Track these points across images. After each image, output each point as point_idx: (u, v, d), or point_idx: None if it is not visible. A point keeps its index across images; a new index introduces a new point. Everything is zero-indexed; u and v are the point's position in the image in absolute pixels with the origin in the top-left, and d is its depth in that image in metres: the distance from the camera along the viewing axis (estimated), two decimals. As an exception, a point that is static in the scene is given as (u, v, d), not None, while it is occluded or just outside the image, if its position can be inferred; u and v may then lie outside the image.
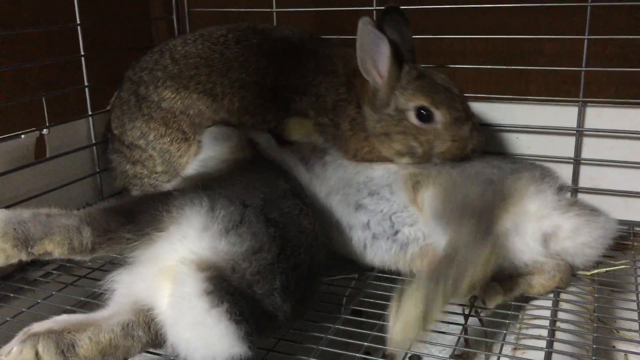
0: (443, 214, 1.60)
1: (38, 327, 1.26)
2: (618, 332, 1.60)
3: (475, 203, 1.58)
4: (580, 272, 1.74)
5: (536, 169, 1.75)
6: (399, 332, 1.29)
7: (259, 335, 1.23)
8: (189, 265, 1.20)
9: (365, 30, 1.75)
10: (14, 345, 1.22)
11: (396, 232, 1.73)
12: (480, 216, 1.53)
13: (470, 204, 1.57)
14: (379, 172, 1.84)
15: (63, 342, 1.23)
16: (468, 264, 1.39)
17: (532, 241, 1.62)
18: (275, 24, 2.39)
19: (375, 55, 1.80)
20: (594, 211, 1.68)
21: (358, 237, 1.78)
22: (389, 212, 1.75)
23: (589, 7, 1.98)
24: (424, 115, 1.79)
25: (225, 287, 1.18)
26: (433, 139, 1.80)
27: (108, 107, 2.17)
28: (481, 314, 1.68)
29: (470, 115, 1.84)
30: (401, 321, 1.29)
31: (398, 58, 1.83)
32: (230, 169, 1.72)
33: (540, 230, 1.62)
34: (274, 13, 2.38)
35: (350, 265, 1.82)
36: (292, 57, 1.98)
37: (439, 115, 1.79)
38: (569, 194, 1.75)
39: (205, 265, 1.21)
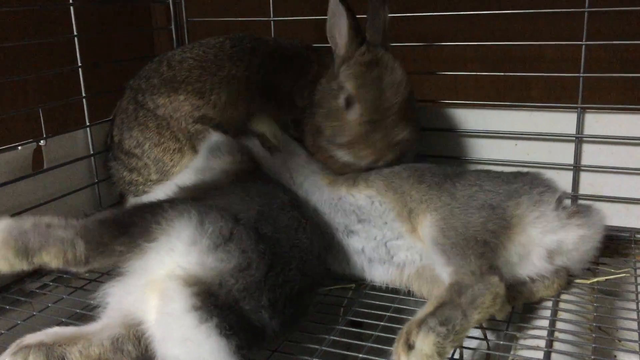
0: (444, 245, 1.55)
1: (30, 339, 1.26)
2: (620, 341, 1.58)
3: (479, 234, 1.54)
4: (580, 281, 1.73)
5: (533, 188, 1.66)
6: None
7: (248, 349, 1.22)
8: (176, 281, 1.19)
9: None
10: (5, 358, 1.23)
11: (392, 257, 1.72)
12: (485, 248, 1.51)
13: (473, 235, 1.54)
14: (362, 201, 1.77)
15: (53, 355, 1.23)
16: (475, 306, 1.36)
17: (537, 261, 1.60)
18: (273, 33, 2.40)
19: (338, 26, 1.80)
20: (588, 215, 1.65)
21: (354, 260, 1.77)
22: (382, 239, 1.72)
23: (586, 13, 1.97)
24: (348, 102, 1.76)
25: (214, 302, 1.17)
26: (339, 128, 1.77)
27: (111, 117, 2.19)
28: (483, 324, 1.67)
29: (389, 131, 1.74)
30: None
31: (357, 35, 1.80)
32: (230, 179, 1.72)
33: (545, 250, 1.59)
34: (272, 22, 2.38)
35: (347, 275, 1.81)
36: (282, 60, 2.02)
37: (356, 109, 1.75)
38: (568, 201, 1.71)
39: (193, 281, 1.20)
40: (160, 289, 1.21)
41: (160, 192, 1.81)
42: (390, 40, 1.91)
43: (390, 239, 1.72)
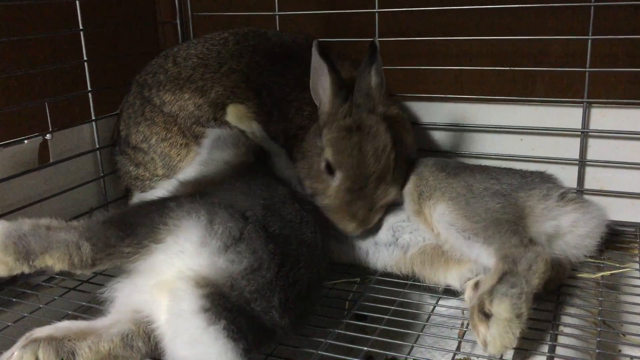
0: (475, 229, 1.58)
1: (39, 332, 1.26)
2: (624, 335, 1.58)
3: (503, 216, 1.59)
4: (585, 275, 1.73)
5: (543, 183, 1.73)
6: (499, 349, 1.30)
7: (257, 349, 1.23)
8: (186, 282, 1.18)
9: (315, 54, 1.71)
10: (14, 351, 1.23)
11: (397, 239, 1.75)
12: (515, 226, 1.55)
13: (498, 217, 1.58)
14: None
15: (63, 350, 1.23)
16: (533, 271, 1.41)
17: None
18: (277, 27, 2.40)
19: (321, 82, 1.75)
20: (584, 202, 1.74)
21: (360, 246, 1.78)
22: (390, 223, 1.77)
23: (592, 7, 1.96)
24: (328, 167, 1.72)
25: (223, 304, 1.17)
26: (322, 191, 1.73)
27: (117, 111, 2.20)
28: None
29: (371, 198, 1.70)
30: (498, 345, 1.29)
31: (341, 90, 1.73)
32: (231, 172, 1.71)
33: (545, 236, 1.63)
34: (277, 16, 2.38)
35: (352, 269, 1.82)
36: (282, 60, 2.00)
37: (336, 176, 1.70)
38: (571, 195, 1.75)
39: (204, 282, 1.19)
40: (170, 289, 1.21)
41: (163, 189, 1.80)
42: (380, 103, 1.78)
43: (398, 221, 1.76)
